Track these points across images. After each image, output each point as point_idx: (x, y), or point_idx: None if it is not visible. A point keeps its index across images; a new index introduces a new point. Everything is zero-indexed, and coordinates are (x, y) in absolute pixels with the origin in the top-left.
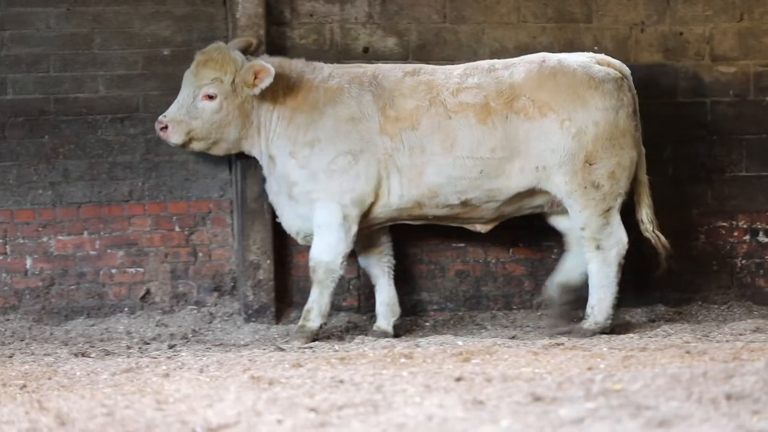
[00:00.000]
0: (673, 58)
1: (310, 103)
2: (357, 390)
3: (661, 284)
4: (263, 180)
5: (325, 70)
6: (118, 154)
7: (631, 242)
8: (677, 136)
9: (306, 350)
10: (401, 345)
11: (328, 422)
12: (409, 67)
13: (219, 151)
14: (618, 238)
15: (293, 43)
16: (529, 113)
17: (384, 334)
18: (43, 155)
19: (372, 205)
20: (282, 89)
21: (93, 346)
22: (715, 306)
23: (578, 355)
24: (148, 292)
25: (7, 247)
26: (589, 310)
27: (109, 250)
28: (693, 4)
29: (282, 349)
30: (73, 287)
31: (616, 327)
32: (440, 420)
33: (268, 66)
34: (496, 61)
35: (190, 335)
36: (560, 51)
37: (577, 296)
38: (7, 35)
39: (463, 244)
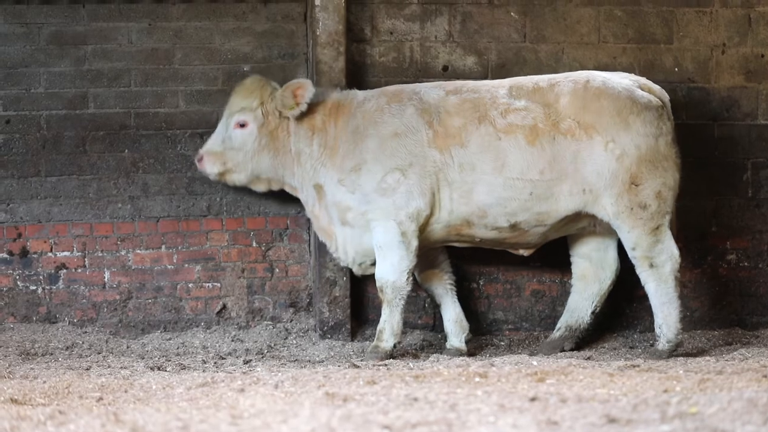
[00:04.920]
0: (755, 80)
1: (350, 129)
2: (431, 408)
3: (738, 307)
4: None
5: (359, 95)
6: (197, 169)
7: (708, 265)
8: (758, 158)
9: (381, 368)
10: (476, 364)
11: None
12: (450, 85)
13: (261, 186)
14: (670, 253)
15: (373, 60)
16: (575, 134)
17: (458, 352)
18: (123, 169)
19: (428, 218)
20: (320, 116)
21: (169, 360)
22: None
23: (654, 377)
24: (224, 307)
25: (85, 260)
26: (657, 330)
27: (186, 265)
28: None
29: (357, 366)
30: (150, 301)
31: (692, 349)
32: None
33: (304, 80)
34: (539, 78)
35: (266, 351)
36: (640, 71)
37: (574, 332)
38: (89, 50)
39: (539, 264)
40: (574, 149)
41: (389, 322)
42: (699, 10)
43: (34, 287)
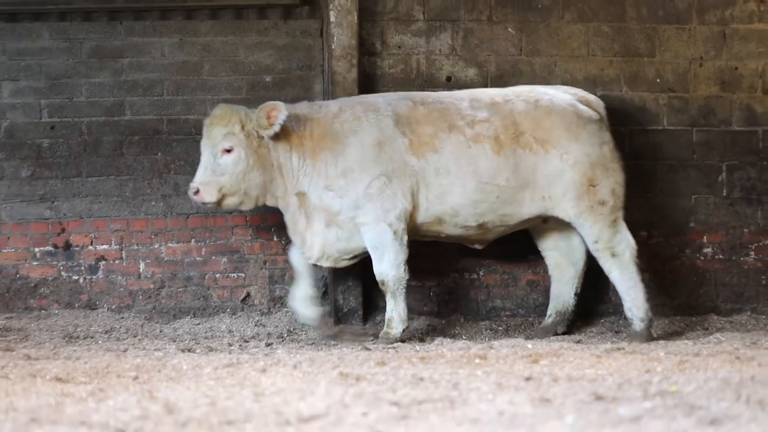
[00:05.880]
0: (729, 90)
1: (330, 138)
2: (435, 387)
3: (714, 296)
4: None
5: (332, 106)
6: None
7: (686, 258)
8: (731, 161)
9: (390, 350)
10: (476, 347)
11: (409, 415)
12: (416, 96)
13: (250, 203)
14: (627, 242)
15: (383, 72)
16: (533, 148)
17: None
18: (156, 170)
19: (411, 215)
20: (294, 131)
21: (198, 343)
22: (764, 316)
23: (637, 358)
24: (248, 295)
25: (123, 252)
26: (628, 313)
27: (213, 257)
28: (747, 42)
29: (368, 349)
30: (181, 290)
31: (672, 334)
32: (510, 415)
33: (277, 103)
34: (494, 93)
35: (286, 335)
36: (626, 82)
37: (564, 315)
38: (126, 62)
39: (534, 256)
40: (533, 161)
41: (396, 311)
42: (679, 27)
43: (77, 277)
